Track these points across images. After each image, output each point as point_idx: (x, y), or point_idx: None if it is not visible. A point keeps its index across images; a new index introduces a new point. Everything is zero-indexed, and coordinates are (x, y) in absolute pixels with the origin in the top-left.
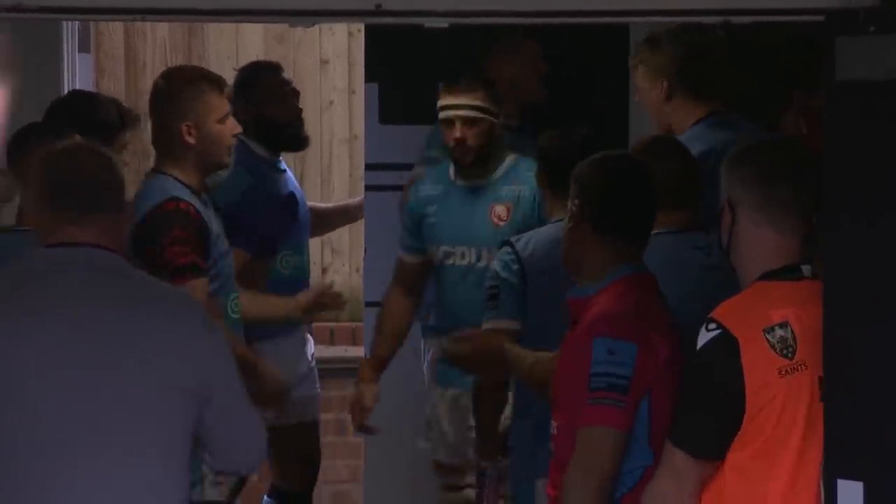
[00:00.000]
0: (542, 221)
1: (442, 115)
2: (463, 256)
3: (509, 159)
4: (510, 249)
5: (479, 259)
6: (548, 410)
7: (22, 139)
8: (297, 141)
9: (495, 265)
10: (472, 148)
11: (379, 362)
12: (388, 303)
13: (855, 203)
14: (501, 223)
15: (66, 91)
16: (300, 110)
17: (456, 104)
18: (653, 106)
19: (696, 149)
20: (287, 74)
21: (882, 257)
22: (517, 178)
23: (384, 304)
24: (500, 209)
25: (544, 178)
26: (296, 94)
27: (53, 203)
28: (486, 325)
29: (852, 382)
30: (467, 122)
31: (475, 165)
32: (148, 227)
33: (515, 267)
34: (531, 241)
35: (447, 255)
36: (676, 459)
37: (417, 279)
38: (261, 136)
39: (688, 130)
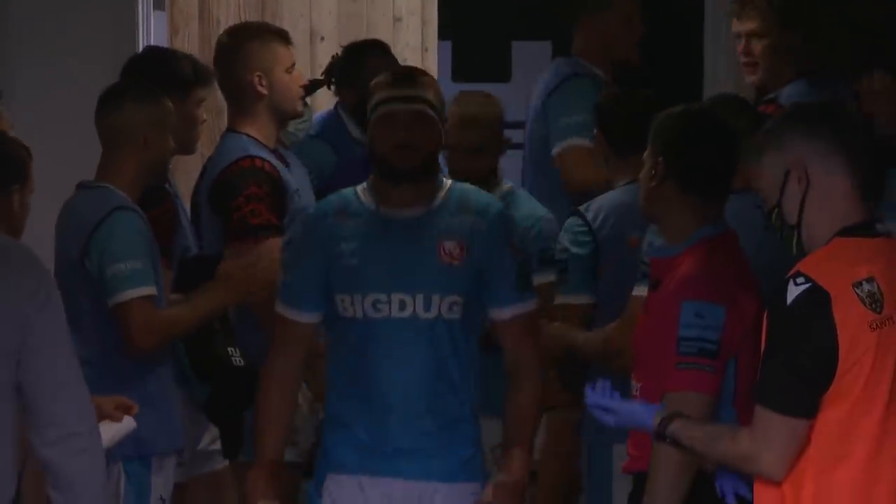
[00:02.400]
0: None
1: (380, 109)
2: (403, 307)
3: (447, 183)
4: (580, 221)
5: (428, 307)
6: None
7: (113, 96)
8: None
9: (562, 238)
10: (420, 152)
11: (274, 466)
12: (272, 383)
13: None
14: (455, 262)
15: (140, 48)
16: None
17: (402, 95)
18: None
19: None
20: (393, 56)
21: None
22: (468, 205)
23: (264, 385)
24: (449, 246)
25: (603, 140)
26: None
27: None
28: (558, 301)
29: None
30: (417, 118)
31: (415, 183)
32: (223, 185)
33: (587, 238)
34: (601, 209)
35: (376, 305)
36: (768, 421)
37: (305, 345)
38: (360, 119)
39: (785, 88)
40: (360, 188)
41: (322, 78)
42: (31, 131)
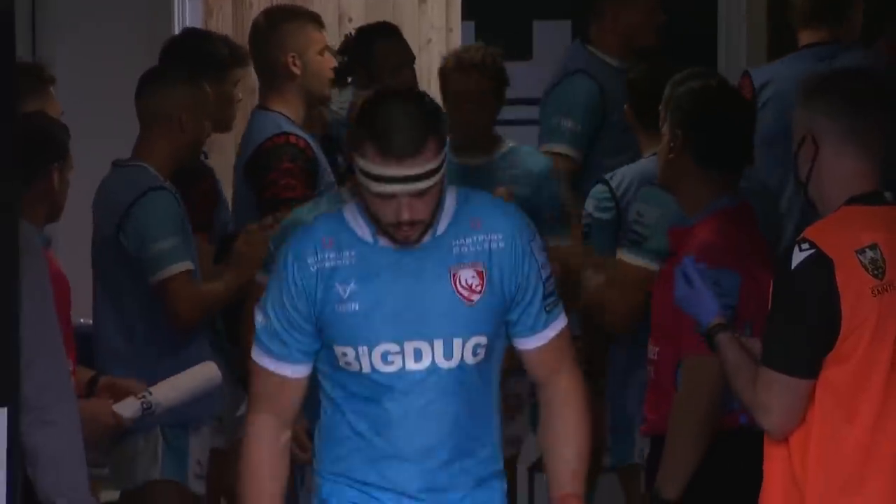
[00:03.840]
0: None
1: (376, 187)
2: (419, 356)
3: (451, 196)
4: (605, 187)
5: (449, 354)
6: (639, 338)
7: (153, 79)
8: None
9: (587, 204)
10: (424, 224)
11: None
12: (257, 448)
13: None
14: (475, 296)
15: (176, 31)
16: (414, 81)
17: (402, 175)
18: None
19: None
20: (404, 41)
21: None
22: (477, 221)
23: (247, 450)
24: (466, 276)
25: (633, 113)
26: (410, 60)
27: None
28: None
29: None
30: (419, 194)
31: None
32: (258, 160)
33: (610, 205)
34: (625, 177)
35: (386, 357)
36: (772, 381)
37: (295, 403)
38: None
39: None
40: (348, 211)
41: (343, 60)
42: (72, 111)
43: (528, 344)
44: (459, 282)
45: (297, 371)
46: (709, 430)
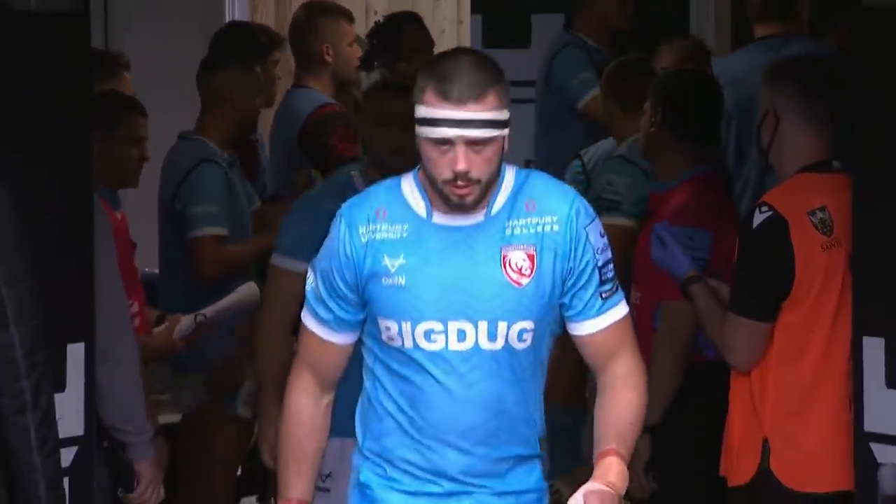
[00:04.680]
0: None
1: (433, 132)
2: (462, 337)
3: (509, 176)
4: (579, 162)
5: (493, 336)
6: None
7: (212, 64)
8: None
9: (566, 177)
10: (481, 186)
11: None
12: (296, 408)
13: (878, 109)
14: (524, 279)
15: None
16: None
17: (461, 119)
18: None
19: (735, 69)
20: (425, 27)
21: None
22: (532, 203)
23: (287, 415)
24: (516, 258)
25: (610, 99)
26: (431, 45)
27: None
28: None
29: (874, 257)
30: (477, 143)
31: (472, 209)
32: (314, 129)
33: (582, 178)
34: (594, 154)
35: (429, 335)
36: (738, 325)
37: (337, 369)
38: None
39: (734, 53)
40: (406, 183)
41: (372, 45)
42: (141, 92)
43: (580, 330)
44: (509, 264)
45: (340, 338)
46: (684, 365)
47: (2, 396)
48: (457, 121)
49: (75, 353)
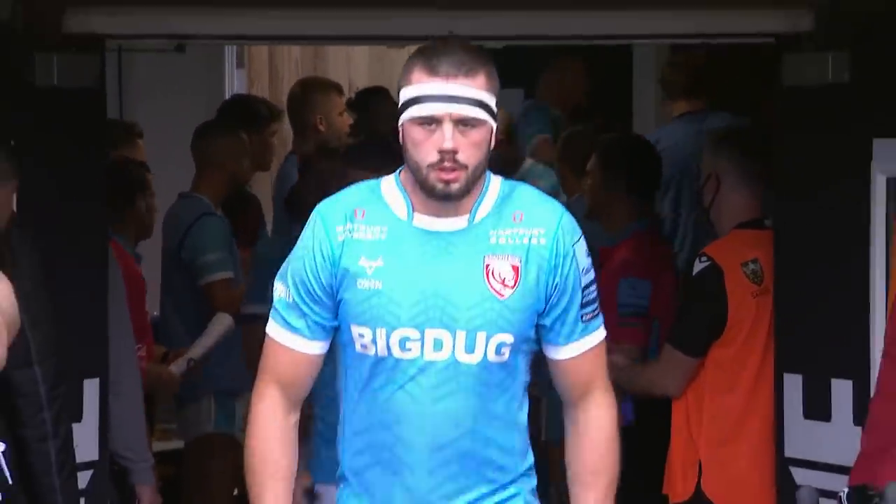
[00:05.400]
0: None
1: (419, 110)
2: (438, 346)
3: (495, 185)
4: None
5: (471, 348)
6: None
7: (204, 131)
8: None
9: None
10: (467, 173)
11: None
12: (264, 426)
13: (798, 175)
14: (507, 290)
15: (227, 96)
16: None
17: (448, 94)
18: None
19: (669, 140)
20: (392, 99)
21: (813, 215)
22: (519, 214)
23: (258, 432)
24: (500, 268)
25: (565, 163)
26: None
27: None
28: None
29: (793, 303)
30: (465, 124)
31: (457, 199)
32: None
33: None
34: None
35: (404, 343)
36: (673, 356)
37: (307, 383)
38: None
39: (666, 125)
40: (386, 184)
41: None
42: (149, 155)
43: (559, 354)
44: (493, 273)
45: (311, 347)
46: None
47: (26, 426)
48: (445, 96)
49: (91, 387)
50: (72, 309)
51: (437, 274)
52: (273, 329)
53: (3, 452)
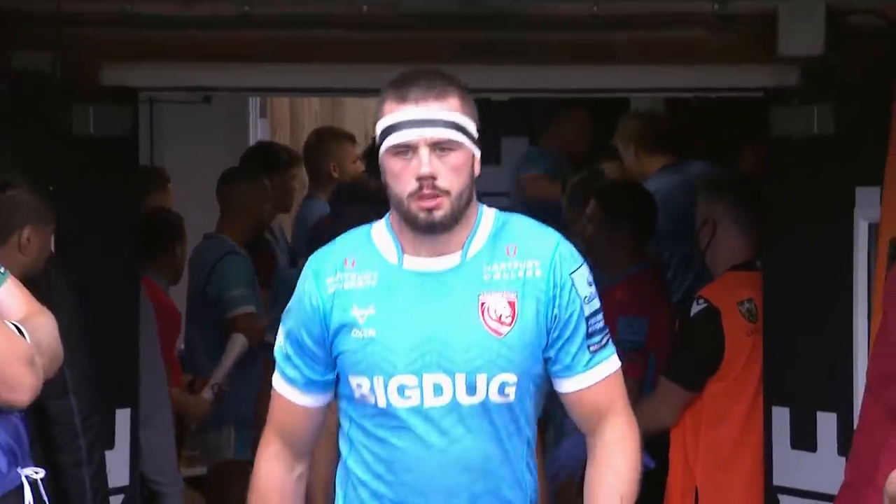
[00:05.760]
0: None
1: (393, 139)
2: (438, 391)
3: (487, 218)
4: None
5: (472, 391)
6: None
7: (228, 177)
8: None
9: None
10: (450, 199)
11: None
12: (267, 480)
13: (785, 218)
14: (504, 328)
15: (251, 142)
16: None
17: (420, 119)
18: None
19: (654, 187)
20: None
21: (800, 257)
22: (513, 247)
23: (260, 485)
24: (495, 305)
25: (568, 204)
26: None
27: None
28: None
29: (781, 340)
30: (441, 146)
31: (446, 230)
32: (315, 235)
33: None
34: None
35: (402, 391)
36: (670, 389)
37: (310, 435)
38: None
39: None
40: (376, 229)
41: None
42: (176, 199)
43: (565, 386)
44: (488, 311)
45: (311, 400)
46: None
47: (62, 453)
48: (417, 121)
49: (123, 417)
50: (105, 344)
51: (431, 316)
52: (274, 379)
53: (41, 479)
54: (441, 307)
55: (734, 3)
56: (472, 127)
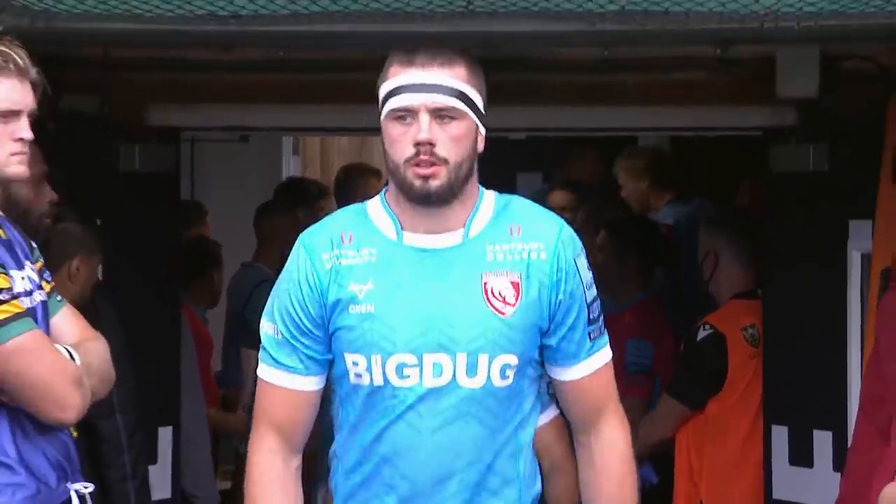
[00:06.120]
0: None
1: (395, 102)
2: (438, 372)
3: (489, 198)
4: None
5: (473, 371)
6: None
7: (264, 210)
8: None
9: None
10: (447, 169)
11: None
12: (261, 476)
13: (784, 249)
14: (508, 308)
15: (283, 177)
16: None
17: (424, 83)
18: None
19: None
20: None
21: (798, 285)
22: (517, 228)
23: (258, 479)
24: (499, 285)
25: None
26: None
27: None
28: None
29: (780, 364)
30: (443, 114)
31: (443, 203)
32: None
33: None
34: None
35: (401, 370)
36: (670, 405)
37: (307, 423)
38: None
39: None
40: (372, 205)
41: None
42: (214, 230)
43: (568, 374)
44: (492, 291)
45: (308, 384)
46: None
47: (109, 468)
48: (420, 85)
49: (165, 434)
50: (148, 366)
51: (433, 294)
52: (265, 371)
53: (90, 493)
54: (443, 285)
55: (735, 47)
56: (478, 98)
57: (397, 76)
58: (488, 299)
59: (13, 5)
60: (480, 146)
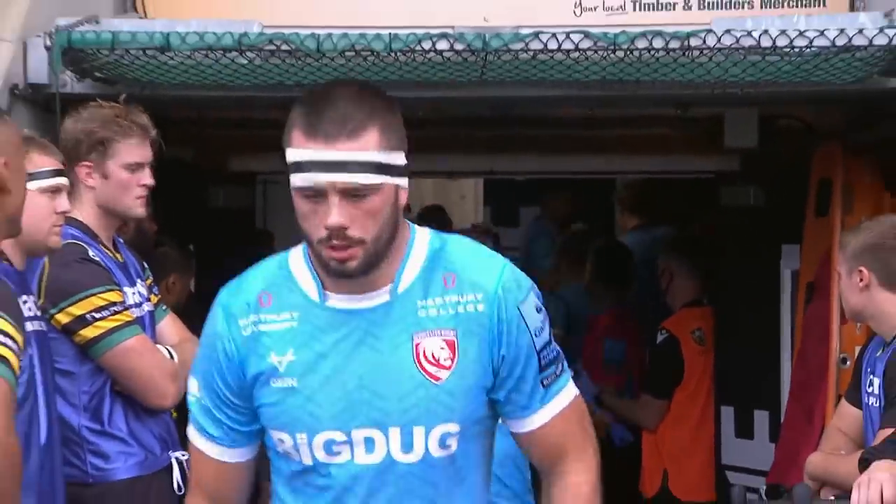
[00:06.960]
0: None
1: (299, 180)
2: (370, 448)
3: (421, 243)
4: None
5: (409, 447)
6: None
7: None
8: None
9: None
10: (364, 248)
11: None
12: None
13: (730, 267)
14: (443, 373)
15: None
16: None
17: (330, 161)
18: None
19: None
20: (447, 216)
21: (741, 295)
22: (451, 277)
23: None
24: (432, 346)
25: (563, 260)
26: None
27: None
28: None
29: (727, 358)
30: (356, 193)
31: (365, 274)
32: None
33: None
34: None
35: (330, 447)
36: (648, 400)
37: (239, 492)
38: None
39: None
40: (294, 258)
41: None
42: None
43: (521, 426)
44: (423, 354)
45: (235, 455)
46: None
47: None
48: (325, 163)
49: None
50: None
51: (360, 362)
52: (192, 434)
53: (186, 460)
54: (370, 351)
55: (693, 109)
56: (395, 157)
57: (302, 148)
58: (420, 364)
59: (126, 77)
60: (403, 200)
